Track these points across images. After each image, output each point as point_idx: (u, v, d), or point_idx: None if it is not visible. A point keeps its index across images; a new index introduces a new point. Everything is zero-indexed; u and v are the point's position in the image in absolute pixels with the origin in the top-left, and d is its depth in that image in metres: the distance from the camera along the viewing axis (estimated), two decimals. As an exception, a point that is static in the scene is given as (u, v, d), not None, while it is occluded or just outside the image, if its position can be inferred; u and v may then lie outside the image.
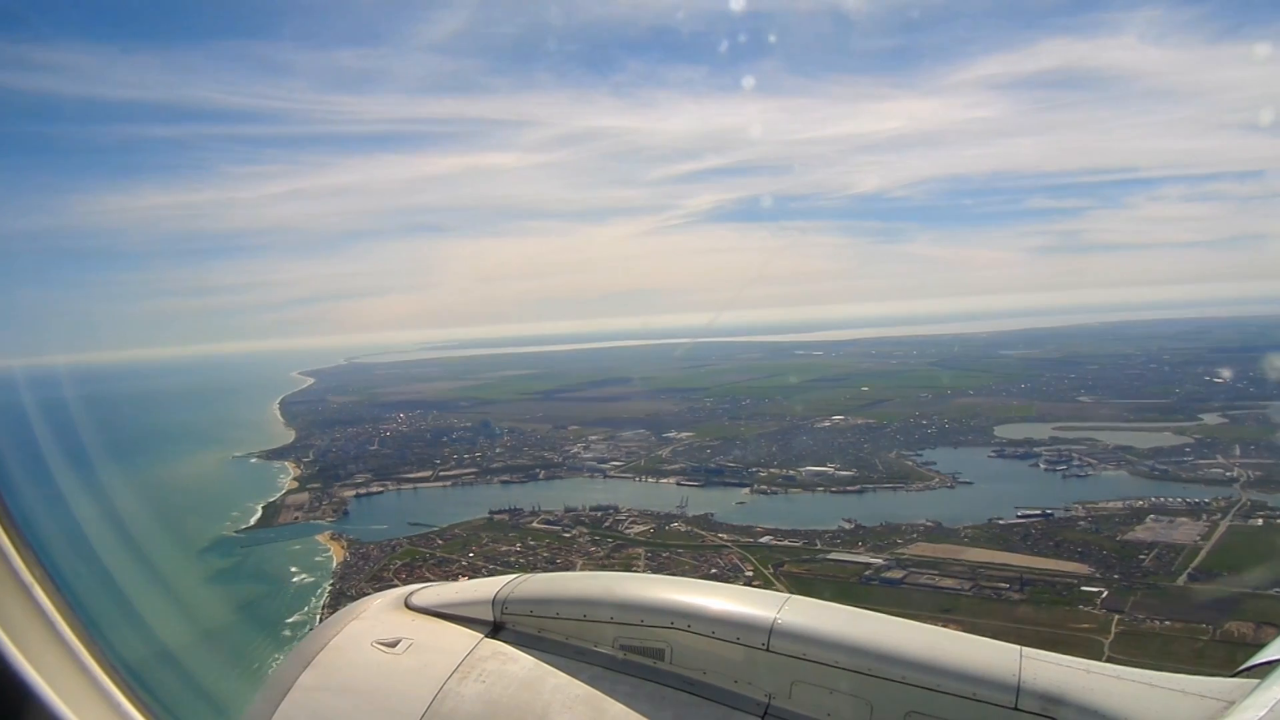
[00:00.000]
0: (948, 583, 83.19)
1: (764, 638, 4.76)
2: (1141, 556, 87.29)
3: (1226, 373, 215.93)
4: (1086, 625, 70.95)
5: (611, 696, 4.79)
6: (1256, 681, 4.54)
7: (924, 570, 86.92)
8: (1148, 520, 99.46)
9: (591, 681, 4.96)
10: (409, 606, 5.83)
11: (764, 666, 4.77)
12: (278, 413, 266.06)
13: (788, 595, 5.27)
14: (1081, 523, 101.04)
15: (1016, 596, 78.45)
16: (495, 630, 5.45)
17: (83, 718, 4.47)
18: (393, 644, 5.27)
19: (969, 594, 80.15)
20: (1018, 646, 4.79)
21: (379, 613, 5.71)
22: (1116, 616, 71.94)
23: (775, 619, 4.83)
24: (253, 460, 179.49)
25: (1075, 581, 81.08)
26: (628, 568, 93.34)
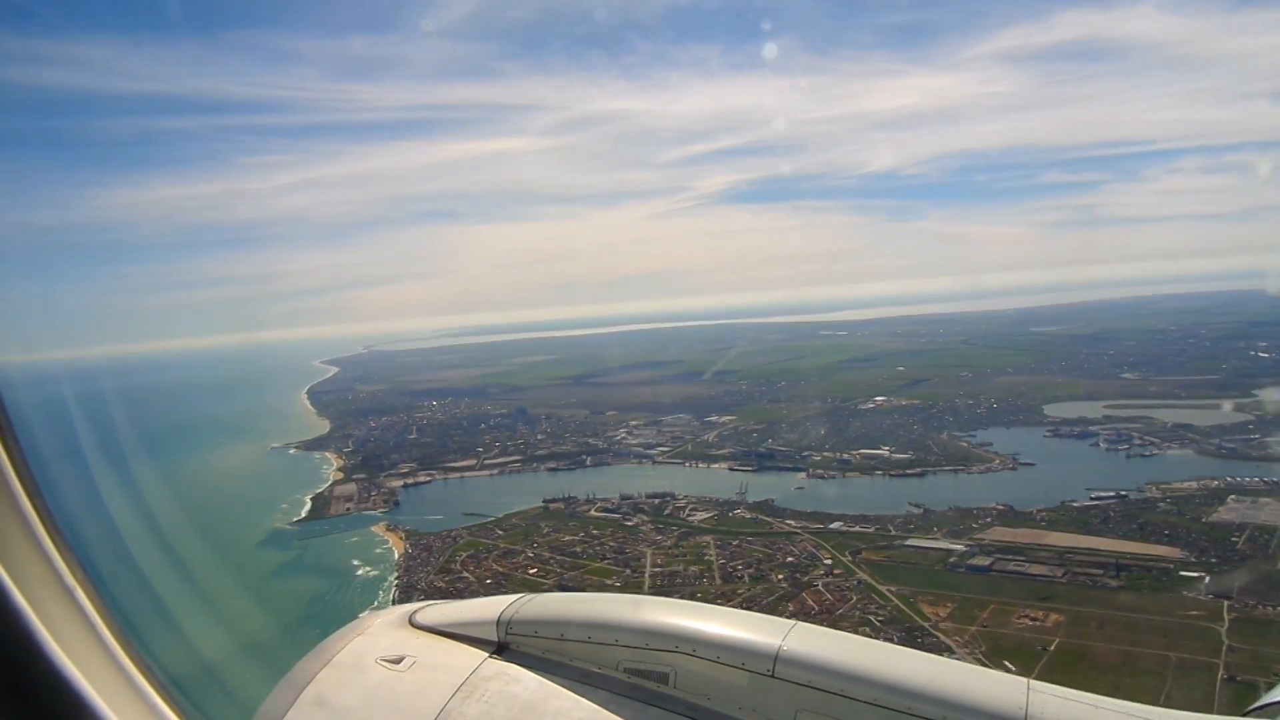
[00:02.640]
0: (1037, 569, 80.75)
1: (769, 664, 4.59)
2: (1233, 539, 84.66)
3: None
4: (1196, 613, 68.39)
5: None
6: None
7: (1009, 556, 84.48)
8: (1229, 501, 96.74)
9: (595, 704, 4.86)
10: (413, 624, 5.71)
11: (769, 693, 4.60)
12: (307, 402, 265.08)
13: (793, 622, 5.01)
14: (1160, 504, 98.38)
15: (1114, 583, 75.98)
16: (499, 650, 5.34)
17: (119, 712, 4.22)
18: (396, 661, 5.15)
19: (1063, 581, 77.78)
20: (1025, 679, 4.52)
21: (383, 630, 5.63)
22: (1226, 603, 69.44)
23: (781, 646, 4.66)
24: (291, 451, 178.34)
25: (1171, 566, 78.58)
26: (698, 555, 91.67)
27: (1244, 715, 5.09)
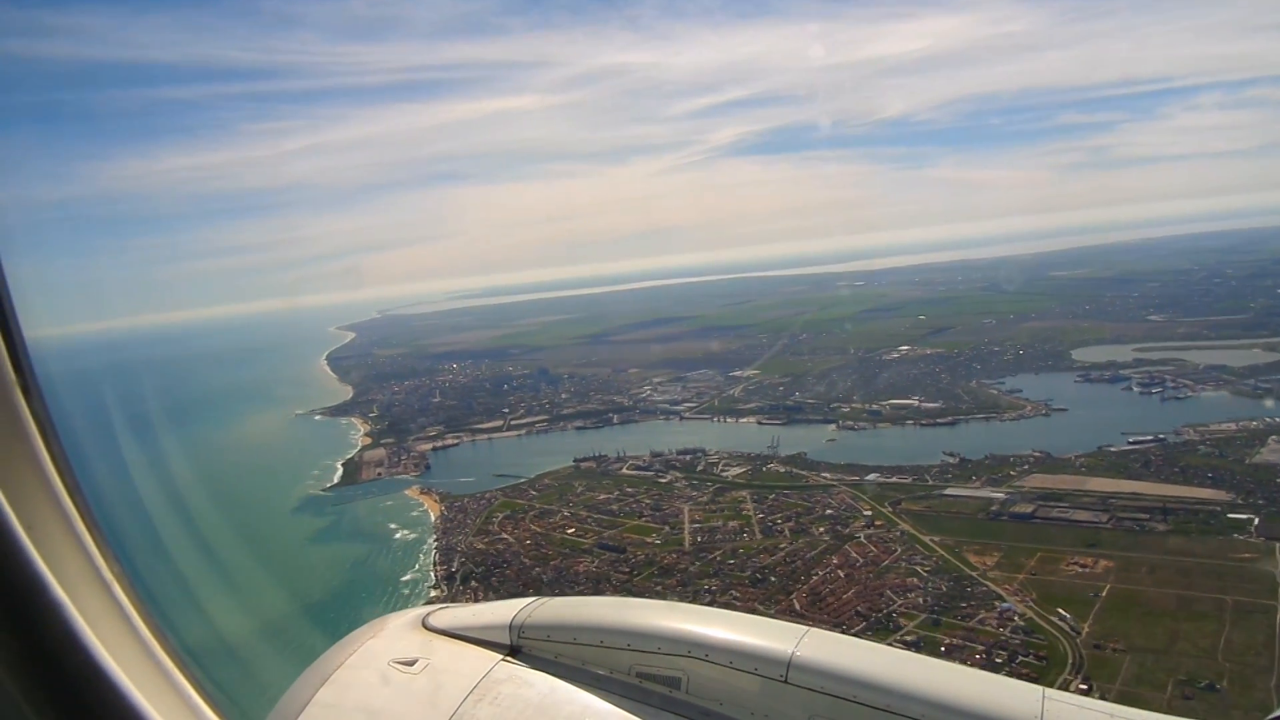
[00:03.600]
0: (1082, 516, 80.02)
1: (782, 670, 4.58)
2: (1279, 480, 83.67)
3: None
4: (1248, 555, 67.65)
5: None
6: None
7: (1052, 503, 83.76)
8: (1270, 442, 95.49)
9: (607, 708, 4.86)
10: (426, 627, 5.67)
11: (782, 699, 4.59)
12: (327, 368, 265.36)
13: (806, 628, 4.94)
14: (1200, 447, 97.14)
15: (1161, 528, 75.16)
16: (512, 653, 5.32)
17: (157, 708, 4.24)
18: (409, 664, 5.15)
19: (1109, 527, 77.06)
20: (1040, 688, 4.40)
21: (396, 632, 5.60)
22: (1277, 545, 68.68)
23: (794, 652, 4.63)
24: (317, 417, 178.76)
25: (1218, 509, 77.66)
26: (736, 510, 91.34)
27: None
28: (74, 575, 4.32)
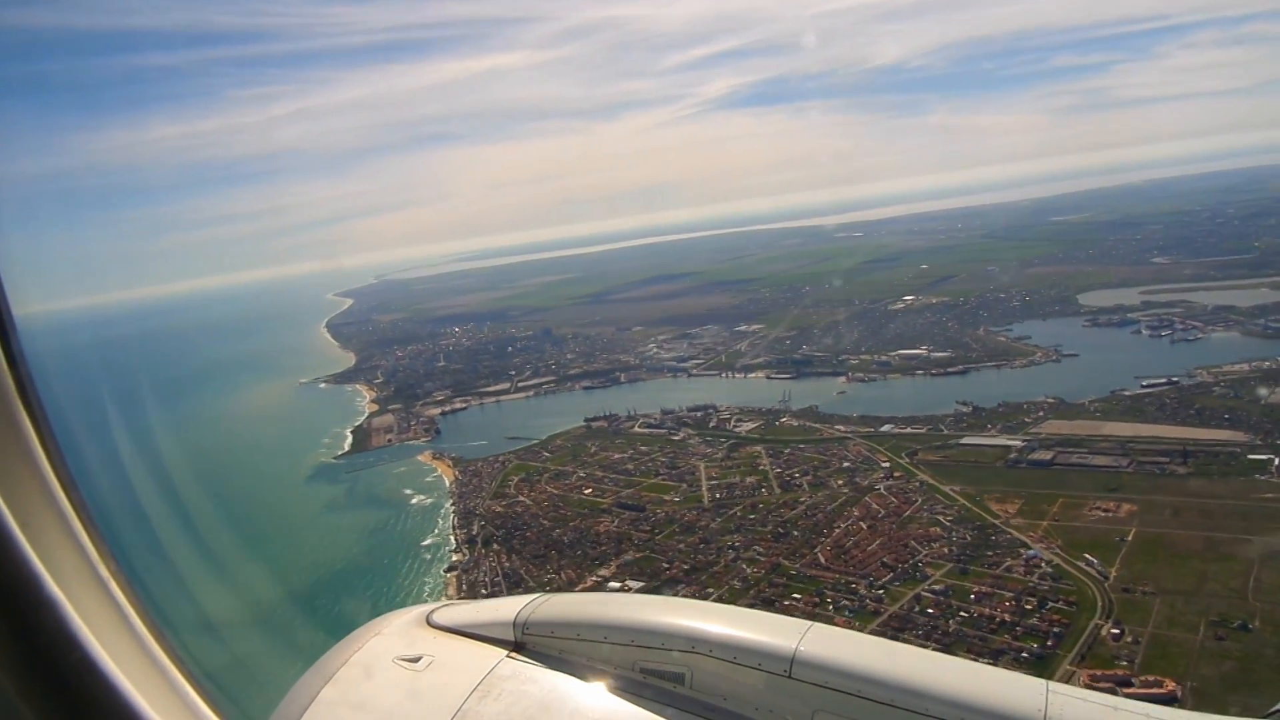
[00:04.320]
0: (1101, 460, 79.97)
1: (786, 665, 4.61)
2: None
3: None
4: (1270, 495, 67.68)
5: None
6: None
7: (1070, 449, 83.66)
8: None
9: (611, 704, 4.90)
10: (430, 624, 5.65)
11: (786, 694, 4.61)
12: (328, 336, 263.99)
13: (810, 623, 4.94)
14: (1214, 389, 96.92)
15: (1182, 470, 75.10)
16: (516, 650, 5.34)
17: (154, 706, 4.22)
18: (414, 661, 5.16)
19: (1129, 471, 76.98)
20: (1044, 681, 4.39)
21: (401, 630, 5.57)
22: (1298, 484, 68.81)
23: (798, 647, 4.66)
24: (321, 386, 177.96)
25: (1237, 450, 77.57)
26: (752, 466, 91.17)
27: (1265, 717, 5.02)
28: (69, 572, 4.28)
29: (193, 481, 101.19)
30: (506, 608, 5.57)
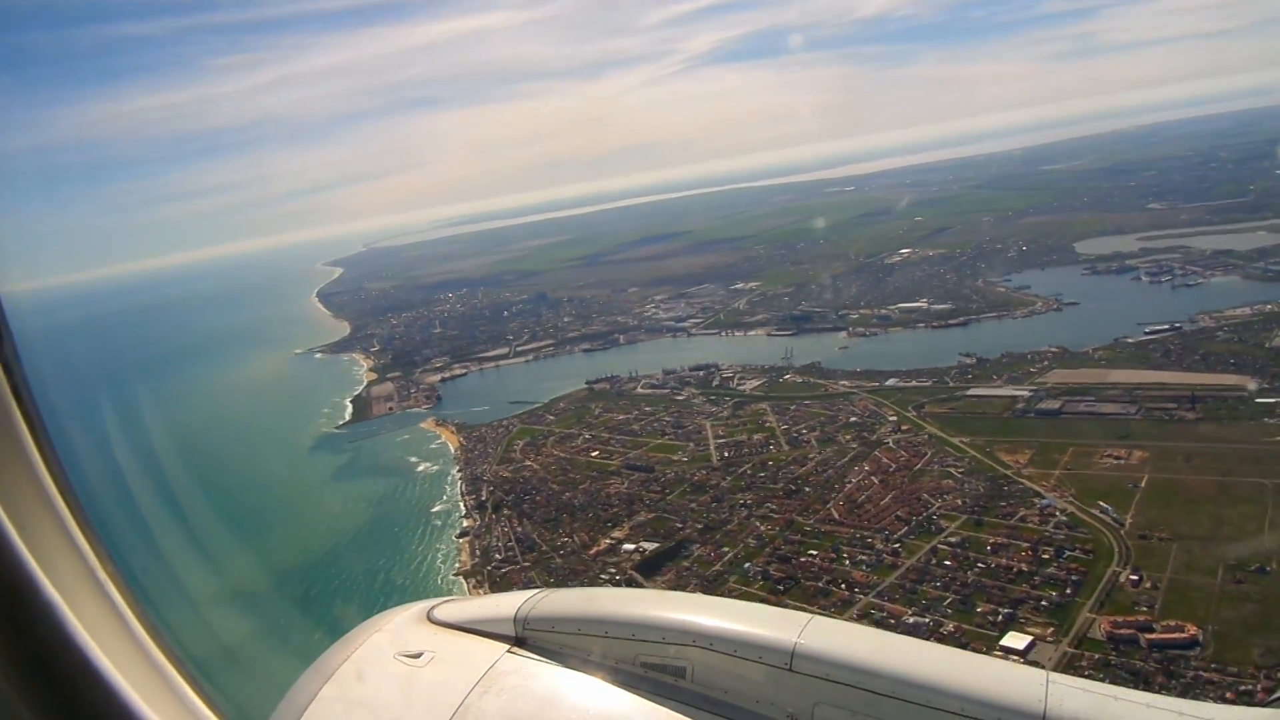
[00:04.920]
0: (1109, 408, 79.92)
1: (786, 658, 4.60)
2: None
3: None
4: (1281, 438, 67.94)
5: (631, 714, 4.80)
6: None
7: (1077, 398, 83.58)
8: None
9: (612, 698, 4.92)
10: (431, 620, 5.66)
11: (786, 687, 4.61)
12: (320, 305, 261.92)
13: (810, 616, 4.95)
14: (1218, 333, 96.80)
15: (1191, 416, 75.10)
16: (517, 645, 5.34)
17: (153, 708, 4.22)
18: (415, 657, 5.17)
19: (1138, 417, 76.97)
20: (1044, 671, 4.38)
21: (401, 626, 5.56)
22: (1309, 426, 68.83)
23: (798, 640, 4.65)
24: (317, 356, 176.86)
25: (1245, 394, 77.51)
26: (758, 423, 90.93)
27: (1266, 705, 5.08)
28: (67, 574, 4.25)
29: (194, 459, 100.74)
30: (507, 603, 5.58)
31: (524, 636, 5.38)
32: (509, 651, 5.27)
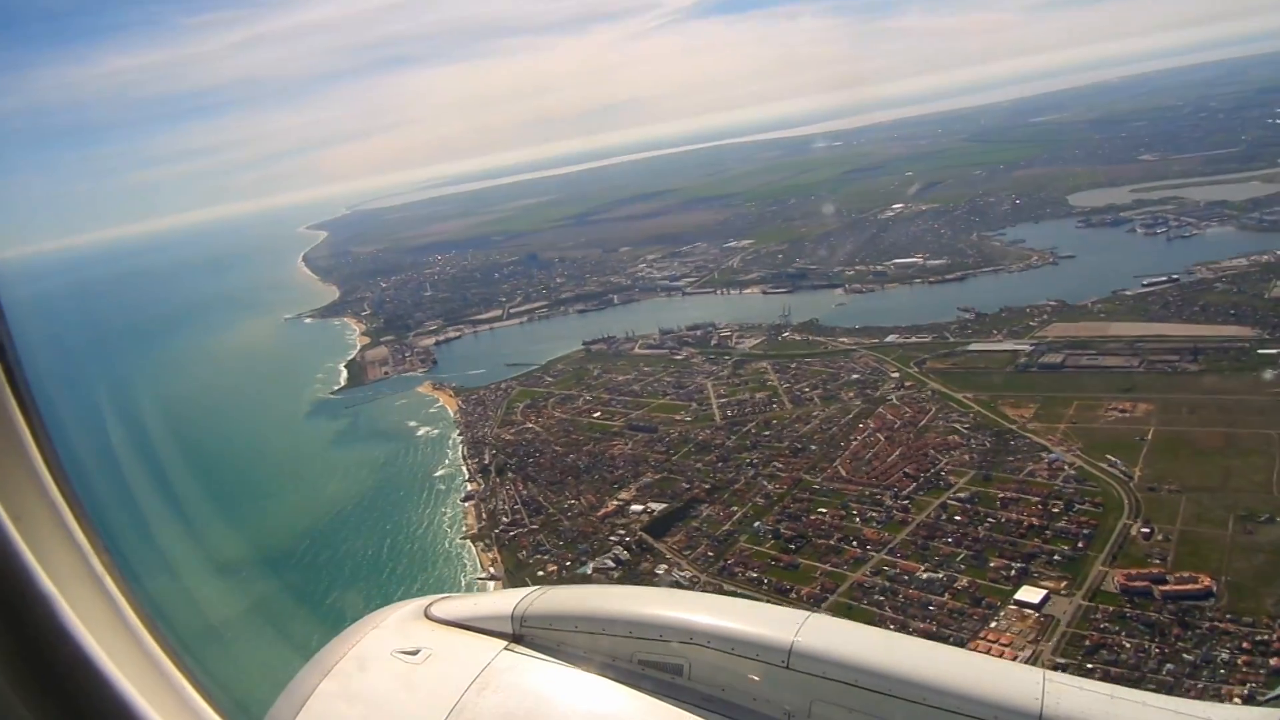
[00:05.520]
0: (1112, 361, 79.99)
1: (784, 656, 4.64)
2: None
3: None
4: (1283, 389, 68.18)
5: (629, 711, 4.82)
6: None
7: (1079, 351, 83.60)
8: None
9: (609, 696, 4.94)
10: (428, 617, 5.65)
11: (784, 685, 4.65)
12: (306, 270, 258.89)
13: (807, 614, 4.98)
14: (1216, 285, 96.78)
15: (1193, 368, 75.26)
16: (514, 642, 5.35)
17: (149, 700, 4.21)
18: (412, 654, 5.17)
19: (1140, 370, 77.10)
20: (1042, 670, 4.47)
21: (399, 623, 5.55)
22: (1312, 376, 69.10)
23: (795, 638, 4.69)
24: (307, 321, 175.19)
25: (1246, 345, 77.73)
26: (760, 382, 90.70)
27: (1263, 704, 4.91)
28: (63, 566, 4.20)
29: (190, 430, 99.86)
30: (504, 601, 5.58)
31: (521, 634, 5.39)
32: (506, 649, 5.28)
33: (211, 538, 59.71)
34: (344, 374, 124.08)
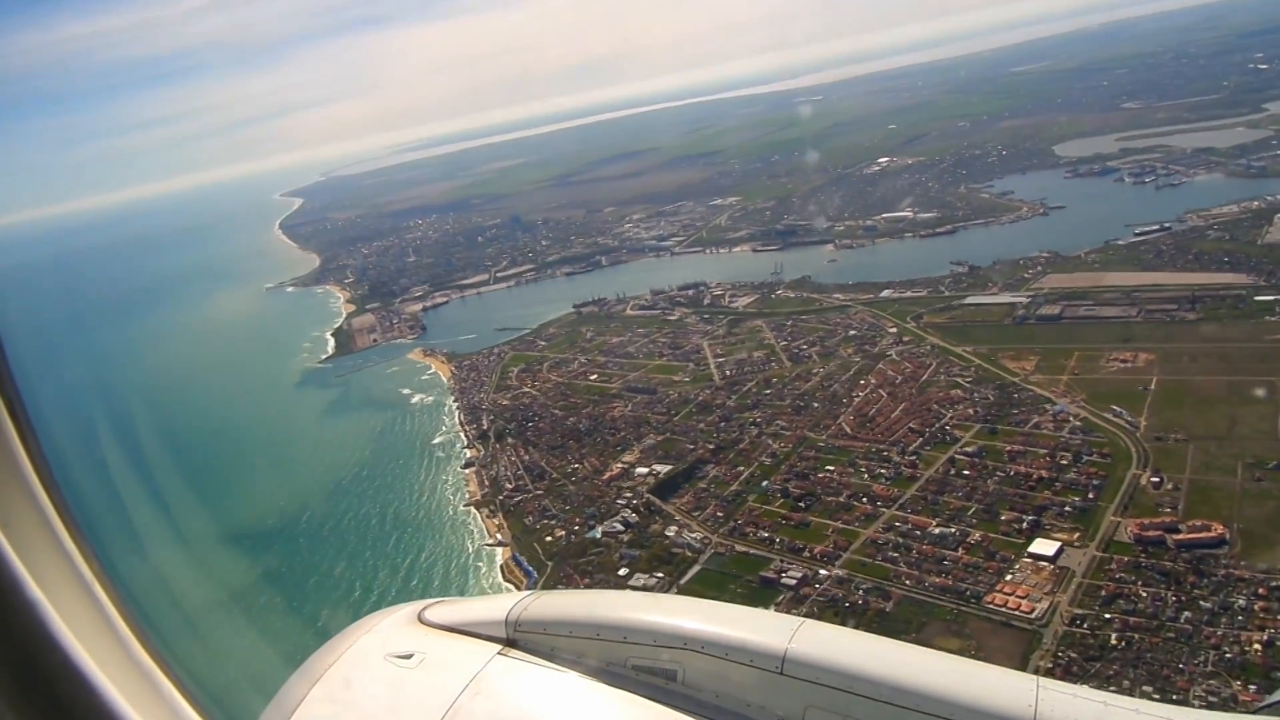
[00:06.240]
0: (1110, 311, 79.99)
1: (778, 662, 4.60)
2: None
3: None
4: (1284, 336, 68.30)
5: (623, 717, 4.80)
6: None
7: (1076, 302, 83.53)
8: (1276, 221, 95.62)
9: (603, 701, 4.91)
10: (422, 621, 5.60)
11: (778, 691, 4.61)
12: (285, 238, 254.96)
13: (801, 620, 4.94)
14: (1209, 232, 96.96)
15: (1191, 316, 75.30)
16: (508, 647, 5.31)
17: (137, 709, 4.18)
18: (406, 658, 5.14)
19: (1139, 320, 77.07)
20: (1035, 677, 4.37)
21: (392, 627, 5.51)
22: (1312, 322, 69.28)
23: (789, 644, 4.66)
24: (289, 289, 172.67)
25: (1243, 292, 77.85)
26: (757, 340, 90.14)
27: (1256, 713, 4.96)
28: (51, 573, 4.15)
29: (179, 408, 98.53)
30: (498, 605, 5.50)
31: (515, 638, 5.32)
32: (500, 653, 5.22)
33: (208, 517, 59.10)
34: (331, 343, 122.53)
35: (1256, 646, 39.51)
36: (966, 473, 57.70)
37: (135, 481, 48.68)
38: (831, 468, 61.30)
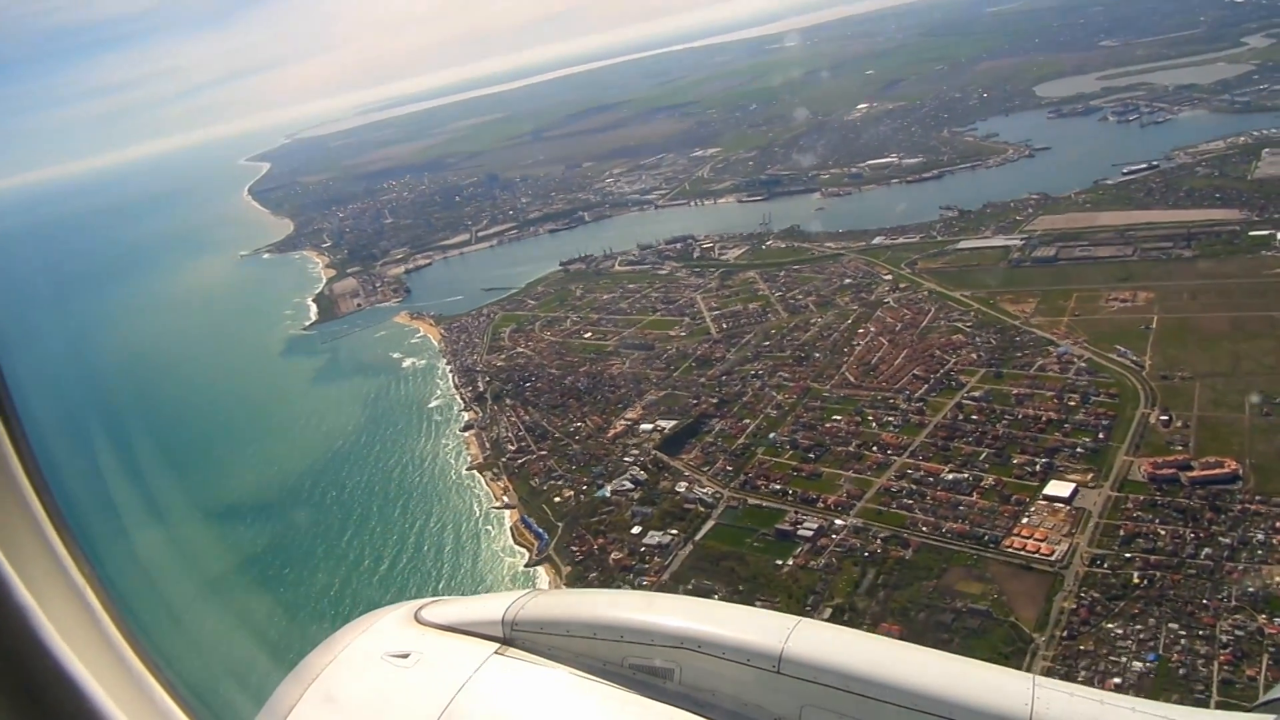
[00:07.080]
0: (1105, 251, 79.80)
1: (774, 661, 4.62)
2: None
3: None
4: (1281, 270, 68.42)
5: (619, 716, 4.80)
6: (1276, 717, 4.70)
7: (1070, 243, 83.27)
8: (1265, 155, 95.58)
9: (600, 700, 4.91)
10: (419, 621, 5.57)
11: (774, 690, 4.64)
12: (255, 203, 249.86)
13: (797, 619, 4.95)
14: (1197, 169, 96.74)
15: (1187, 254, 75.24)
16: (505, 647, 5.29)
17: (128, 714, 4.18)
18: (402, 657, 5.14)
19: (1135, 259, 76.99)
20: (1031, 676, 4.38)
21: (389, 627, 5.49)
22: (1308, 255, 69.37)
23: (786, 643, 4.67)
24: (265, 256, 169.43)
25: (1237, 228, 77.81)
26: (751, 292, 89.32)
27: (1252, 710, 5.07)
28: (40, 576, 4.10)
29: (165, 383, 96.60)
30: (495, 605, 5.47)
31: (512, 638, 5.29)
32: (496, 653, 5.19)
33: (203, 495, 58.03)
34: (314, 309, 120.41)
35: (1278, 579, 39.84)
36: (975, 417, 57.55)
37: (125, 470, 47.32)
38: (838, 417, 60.94)
